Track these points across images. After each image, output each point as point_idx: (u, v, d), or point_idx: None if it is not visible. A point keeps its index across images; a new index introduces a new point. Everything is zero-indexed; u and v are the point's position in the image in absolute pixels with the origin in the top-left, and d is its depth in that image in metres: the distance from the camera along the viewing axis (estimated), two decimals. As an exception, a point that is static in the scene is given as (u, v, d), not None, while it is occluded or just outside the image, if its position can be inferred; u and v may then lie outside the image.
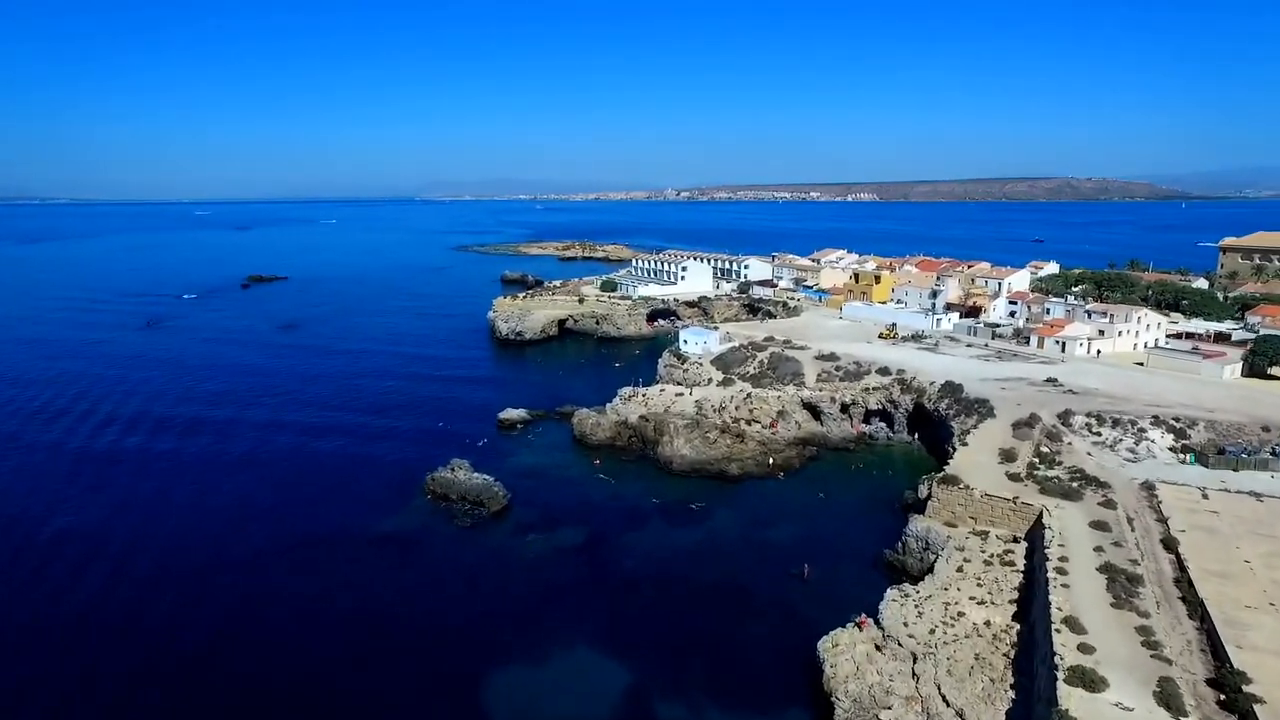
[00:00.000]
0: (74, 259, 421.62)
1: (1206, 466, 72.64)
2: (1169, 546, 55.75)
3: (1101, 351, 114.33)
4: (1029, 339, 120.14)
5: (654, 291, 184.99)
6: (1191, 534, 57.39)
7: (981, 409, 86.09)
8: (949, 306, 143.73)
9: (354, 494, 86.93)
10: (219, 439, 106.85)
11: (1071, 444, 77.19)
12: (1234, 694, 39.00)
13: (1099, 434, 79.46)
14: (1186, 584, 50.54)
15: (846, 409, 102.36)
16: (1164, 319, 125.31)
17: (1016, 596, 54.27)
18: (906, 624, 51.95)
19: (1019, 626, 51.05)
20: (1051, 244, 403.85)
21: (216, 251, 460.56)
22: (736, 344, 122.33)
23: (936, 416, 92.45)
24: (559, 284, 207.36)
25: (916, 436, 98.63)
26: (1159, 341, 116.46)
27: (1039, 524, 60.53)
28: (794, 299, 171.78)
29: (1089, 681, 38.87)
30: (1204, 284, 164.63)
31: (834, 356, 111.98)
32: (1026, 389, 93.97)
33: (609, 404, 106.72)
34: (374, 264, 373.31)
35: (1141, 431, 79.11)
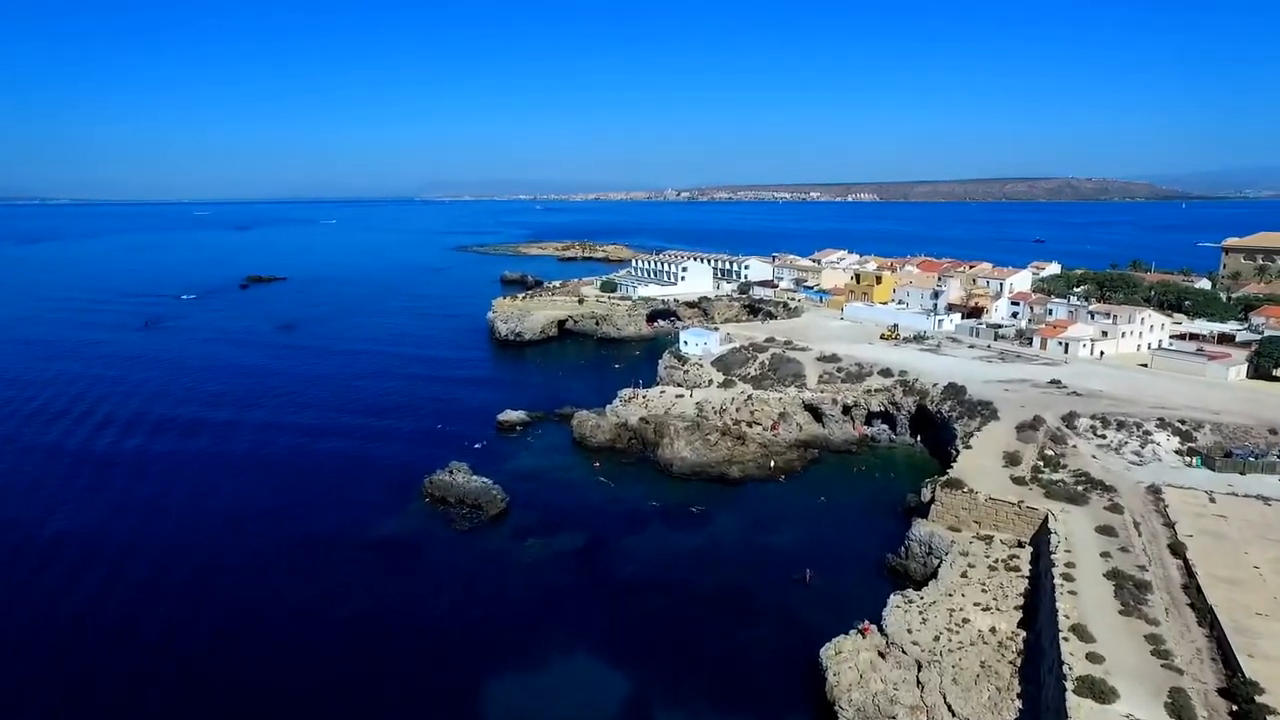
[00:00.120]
0: (73, 259, 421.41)
1: (1213, 470, 71.83)
2: (1176, 552, 54.98)
3: (1104, 353, 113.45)
4: (1032, 340, 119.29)
5: (654, 292, 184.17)
6: (1199, 539, 56.59)
7: (985, 411, 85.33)
8: (951, 307, 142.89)
9: (352, 496, 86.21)
10: (217, 440, 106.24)
11: (1076, 447, 76.39)
12: (1247, 705, 38.22)
13: (1104, 437, 78.68)
14: (1195, 590, 49.76)
15: (848, 411, 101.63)
16: (1167, 320, 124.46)
17: (1022, 603, 53.45)
18: (910, 631, 51.15)
19: (1025, 633, 50.23)
20: (1052, 244, 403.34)
21: (216, 252, 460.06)
22: (737, 345, 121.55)
23: (939, 419, 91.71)
24: (559, 284, 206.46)
25: (919, 439, 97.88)
26: (1163, 343, 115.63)
27: (1044, 528, 59.68)
28: (795, 300, 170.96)
29: (1098, 692, 38.09)
30: (1207, 284, 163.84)
31: (835, 358, 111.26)
32: (1030, 391, 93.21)
33: (609, 406, 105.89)
34: (373, 264, 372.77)
35: (1147, 434, 78.32)
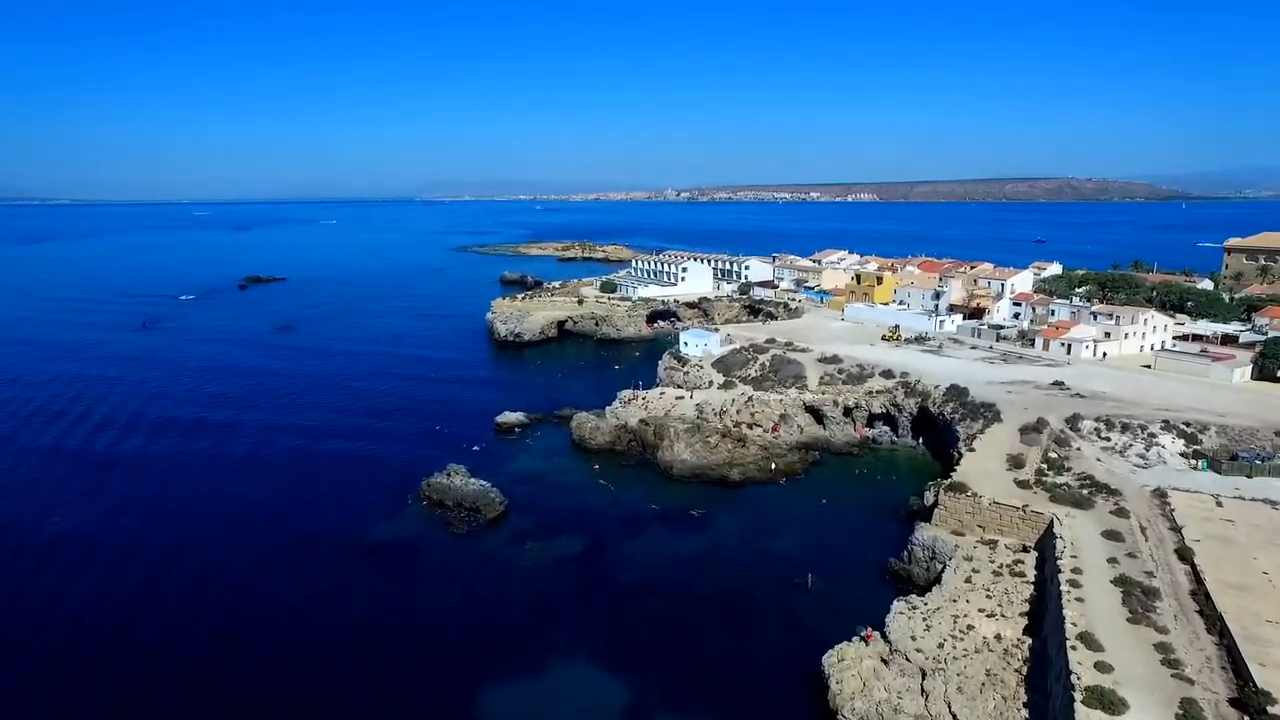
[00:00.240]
0: (73, 259, 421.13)
1: (1219, 473, 70.97)
2: (1184, 557, 54.13)
3: (1107, 354, 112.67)
4: (1034, 341, 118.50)
5: (654, 292, 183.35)
6: (1206, 544, 55.72)
7: (987, 413, 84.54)
8: (952, 308, 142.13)
9: (349, 499, 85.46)
10: (216, 441, 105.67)
11: (1080, 449, 75.58)
12: (1259, 715, 37.41)
13: (1108, 439, 77.84)
14: (1204, 597, 48.88)
15: (850, 413, 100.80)
16: (1170, 320, 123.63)
17: (1027, 609, 52.61)
18: (914, 637, 50.34)
19: (1031, 641, 49.43)
20: (1053, 244, 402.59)
21: (215, 252, 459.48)
22: (737, 346, 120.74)
23: (941, 421, 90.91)
24: (558, 285, 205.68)
25: (921, 441, 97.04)
26: (1165, 344, 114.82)
27: (1049, 533, 58.84)
28: (795, 300, 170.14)
29: (1108, 703, 37.28)
30: (1209, 285, 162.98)
31: (836, 359, 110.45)
32: (1033, 392, 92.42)
33: (608, 407, 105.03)
34: (373, 264, 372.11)
35: (1151, 436, 77.50)
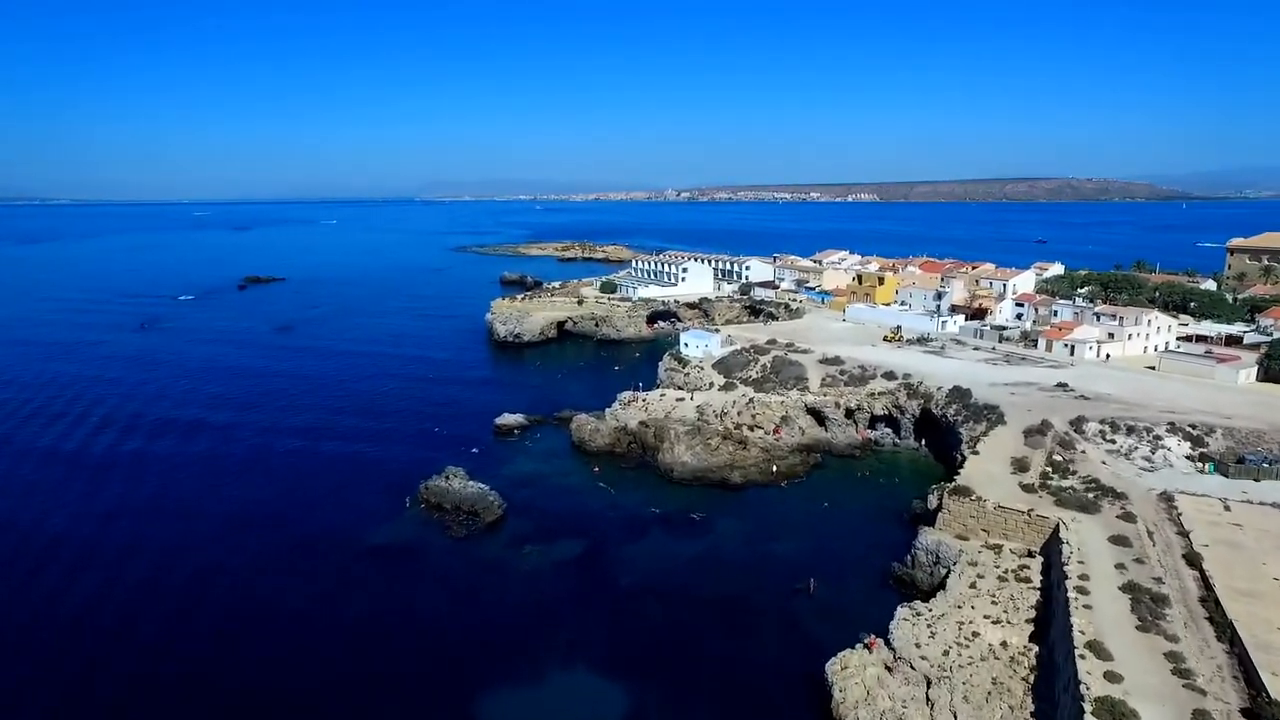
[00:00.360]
0: (72, 259, 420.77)
1: (1226, 476, 70.15)
2: (1192, 563, 53.29)
3: (1111, 355, 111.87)
4: (1037, 342, 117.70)
5: (654, 293, 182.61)
6: (1215, 549, 54.93)
7: (991, 415, 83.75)
8: (954, 309, 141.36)
9: (347, 502, 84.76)
10: (214, 443, 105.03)
11: (1085, 452, 74.76)
12: (1272, 727, 36.64)
13: (1113, 442, 77.03)
14: (1213, 604, 48.07)
15: (851, 414, 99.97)
16: (1173, 321, 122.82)
17: (1034, 616, 51.83)
18: (919, 645, 49.52)
19: (1037, 648, 48.65)
20: (1053, 244, 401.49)
21: (215, 252, 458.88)
22: (738, 347, 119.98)
23: (944, 423, 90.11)
24: (558, 285, 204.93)
25: (924, 443, 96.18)
26: (1169, 345, 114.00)
27: (1055, 538, 58.08)
28: (796, 301, 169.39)
29: (1118, 714, 36.49)
30: (1212, 285, 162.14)
31: (838, 360, 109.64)
32: (1036, 394, 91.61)
33: (608, 409, 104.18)
34: (373, 265, 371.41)
35: (1157, 439, 76.68)
